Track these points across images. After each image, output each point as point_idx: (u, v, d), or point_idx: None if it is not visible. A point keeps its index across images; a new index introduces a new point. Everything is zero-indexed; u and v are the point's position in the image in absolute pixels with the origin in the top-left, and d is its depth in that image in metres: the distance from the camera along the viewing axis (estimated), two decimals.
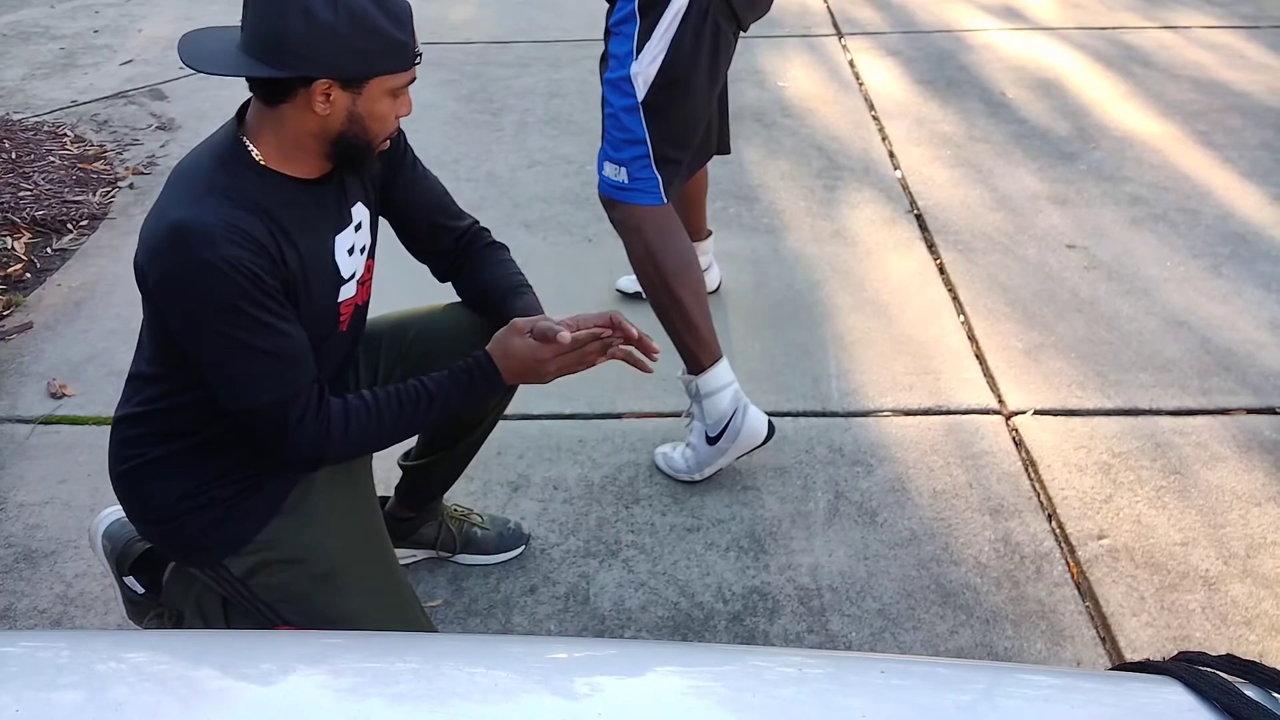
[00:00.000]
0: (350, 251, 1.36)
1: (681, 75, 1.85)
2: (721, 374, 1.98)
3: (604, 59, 1.91)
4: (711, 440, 2.00)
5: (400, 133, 1.47)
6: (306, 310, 1.30)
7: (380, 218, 1.50)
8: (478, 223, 1.58)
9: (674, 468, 2.07)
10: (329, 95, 1.20)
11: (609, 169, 1.93)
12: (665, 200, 1.94)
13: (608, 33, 1.88)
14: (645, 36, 1.82)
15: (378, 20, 1.17)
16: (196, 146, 1.30)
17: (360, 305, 1.45)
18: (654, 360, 1.42)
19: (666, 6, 1.80)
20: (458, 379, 1.36)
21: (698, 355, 1.97)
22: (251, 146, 1.25)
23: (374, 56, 1.19)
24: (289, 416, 1.25)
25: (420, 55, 1.25)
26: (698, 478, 2.05)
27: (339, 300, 1.36)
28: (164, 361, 1.32)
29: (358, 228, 1.39)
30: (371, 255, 1.45)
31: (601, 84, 1.91)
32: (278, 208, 1.25)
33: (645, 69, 1.83)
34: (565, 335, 1.34)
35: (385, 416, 1.32)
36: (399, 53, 1.21)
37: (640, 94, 1.85)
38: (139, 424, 1.36)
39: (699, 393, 2.00)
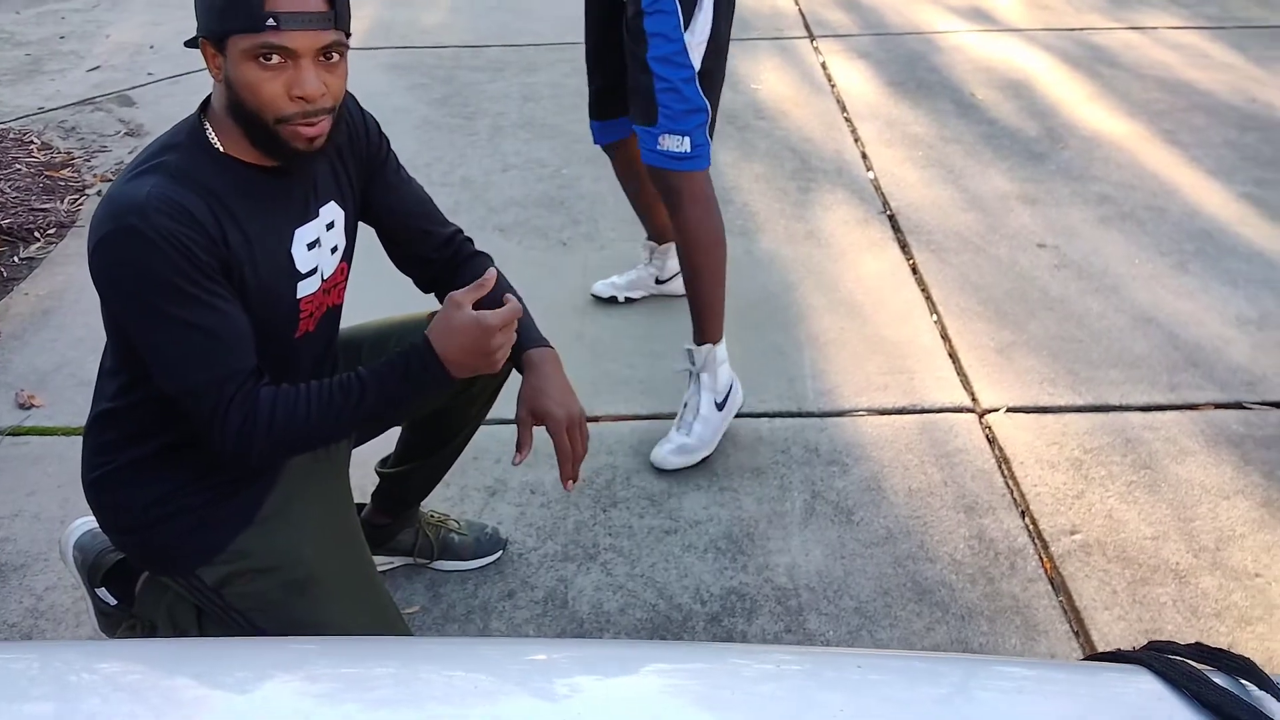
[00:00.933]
0: (312, 246, 1.34)
1: (722, 39, 1.96)
2: (724, 346, 2.13)
3: (638, 40, 1.93)
4: (720, 406, 2.12)
5: (383, 137, 1.46)
6: (256, 297, 1.28)
7: (362, 223, 1.49)
8: (461, 232, 1.56)
9: (687, 451, 2.10)
10: (214, 58, 1.21)
11: (669, 141, 1.97)
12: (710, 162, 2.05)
13: (639, 14, 1.91)
14: (690, 7, 1.89)
15: None
16: (176, 124, 1.29)
17: (333, 307, 1.43)
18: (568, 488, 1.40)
19: None
20: (394, 366, 1.26)
21: (715, 326, 2.09)
22: (211, 131, 1.25)
23: (221, 13, 1.16)
24: (219, 401, 1.21)
25: (279, 21, 1.15)
26: (707, 453, 2.11)
27: (298, 295, 1.34)
28: (120, 353, 1.31)
29: (329, 226, 1.37)
30: (346, 259, 1.44)
31: (644, 63, 1.93)
32: (228, 192, 1.24)
33: (698, 37, 1.91)
34: (514, 303, 1.26)
35: (314, 407, 1.24)
36: (240, 9, 1.14)
37: (696, 63, 1.93)
38: (107, 426, 1.34)
39: (713, 361, 2.10)
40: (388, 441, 1.74)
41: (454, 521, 1.89)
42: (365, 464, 1.77)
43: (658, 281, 2.62)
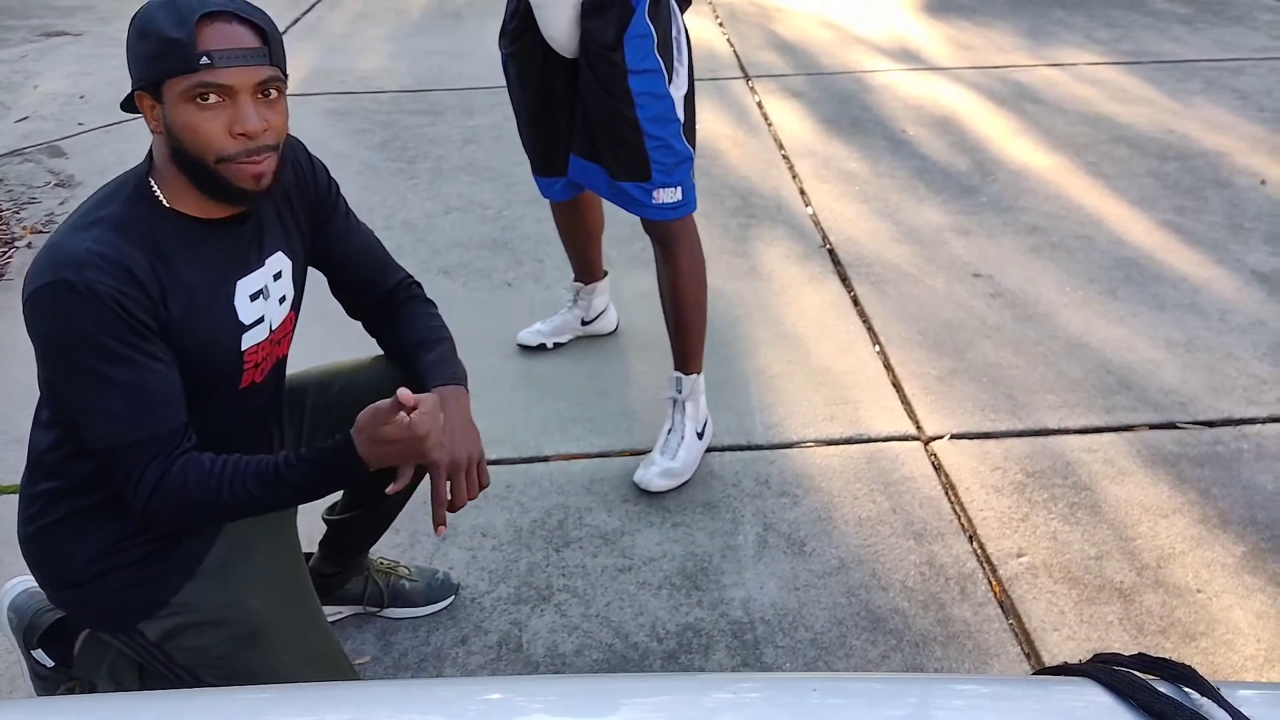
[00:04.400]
0: (255, 298, 1.33)
1: (694, 85, 2.03)
2: (703, 378, 2.22)
3: (624, 100, 1.93)
4: (700, 435, 2.19)
5: (332, 183, 1.46)
6: (197, 352, 1.26)
7: (311, 269, 1.48)
8: (410, 277, 1.56)
9: (673, 475, 2.13)
10: (152, 109, 1.19)
11: (664, 195, 2.01)
12: None
13: (625, 74, 1.91)
14: (670, 60, 1.94)
15: (158, 22, 1.15)
16: (119, 175, 1.28)
17: (281, 358, 1.42)
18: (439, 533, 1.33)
19: (672, 26, 1.95)
20: (318, 455, 1.24)
21: (699, 356, 2.17)
22: (155, 185, 1.24)
23: (153, 59, 1.16)
24: (136, 464, 1.19)
25: (212, 58, 1.13)
26: (687, 478, 2.15)
27: (242, 348, 1.32)
28: (55, 406, 1.28)
29: (276, 276, 1.36)
30: (295, 308, 1.42)
31: (636, 124, 1.94)
32: (171, 245, 1.22)
33: (681, 90, 1.97)
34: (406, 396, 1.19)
35: (226, 485, 1.21)
36: (174, 51, 1.14)
37: (682, 116, 1.98)
38: (43, 480, 1.31)
39: (697, 391, 2.18)
40: None
41: (404, 568, 1.87)
42: (312, 512, 1.74)
43: (583, 323, 2.62)
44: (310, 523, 1.73)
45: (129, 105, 1.25)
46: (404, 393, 1.19)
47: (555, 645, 1.79)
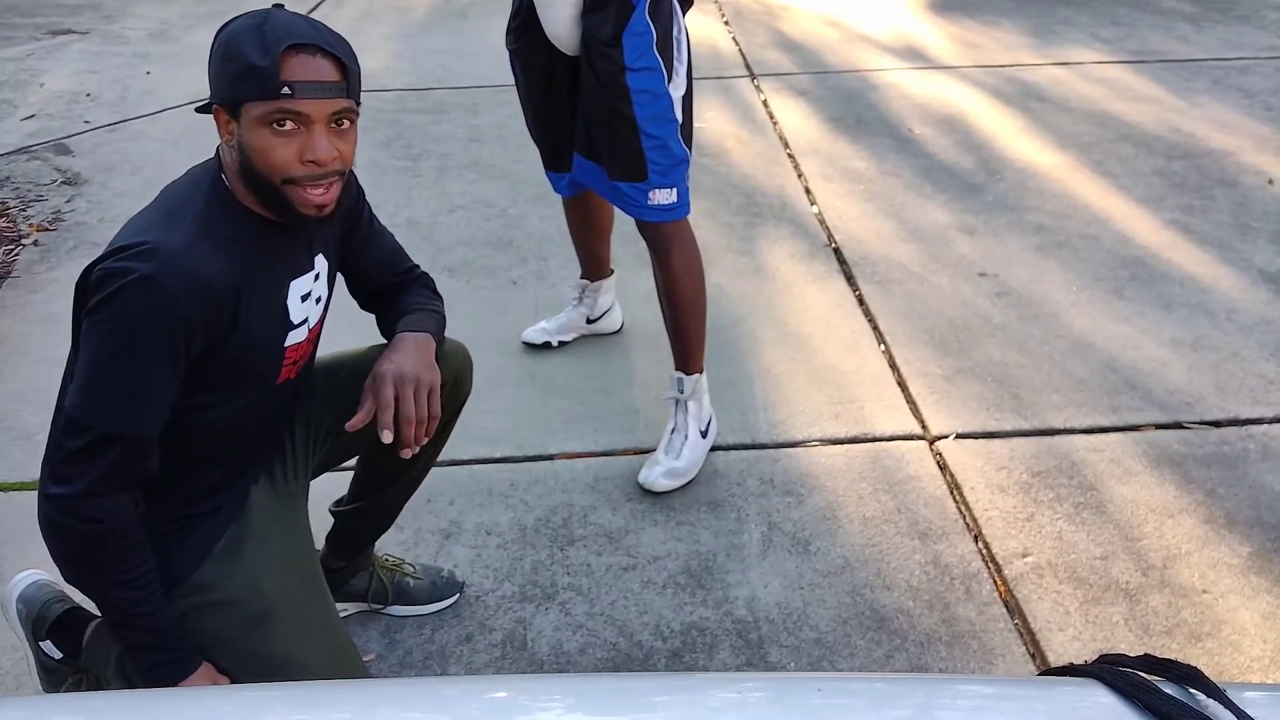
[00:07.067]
0: (304, 299, 1.37)
1: (693, 87, 2.01)
2: (705, 377, 2.21)
3: (623, 98, 1.92)
4: (703, 434, 2.18)
5: (359, 189, 1.48)
6: (247, 350, 1.29)
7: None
8: (417, 268, 1.60)
9: (677, 475, 2.13)
10: (227, 123, 1.23)
11: (660, 196, 2.00)
12: None
13: (623, 71, 1.90)
14: (670, 60, 1.93)
15: (241, 46, 1.18)
16: (191, 168, 1.31)
17: (311, 354, 1.45)
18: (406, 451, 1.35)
19: (673, 26, 1.93)
20: (170, 635, 1.30)
21: (700, 357, 2.17)
22: (228, 180, 1.27)
23: (234, 81, 1.20)
24: (91, 460, 1.19)
25: (294, 89, 1.18)
26: (691, 477, 2.15)
27: (285, 345, 1.36)
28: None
29: (316, 277, 1.40)
30: (326, 307, 1.46)
31: (634, 123, 1.93)
32: (246, 242, 1.26)
33: (680, 90, 1.96)
34: None
35: (108, 569, 1.24)
36: (255, 78, 1.18)
37: (680, 116, 1.97)
38: None
39: (699, 390, 2.17)
40: (341, 483, 1.72)
41: (409, 565, 1.87)
42: (319, 506, 1.74)
43: (588, 321, 2.63)
44: (317, 518, 1.73)
45: (206, 109, 1.28)
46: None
47: (560, 644, 1.79)
